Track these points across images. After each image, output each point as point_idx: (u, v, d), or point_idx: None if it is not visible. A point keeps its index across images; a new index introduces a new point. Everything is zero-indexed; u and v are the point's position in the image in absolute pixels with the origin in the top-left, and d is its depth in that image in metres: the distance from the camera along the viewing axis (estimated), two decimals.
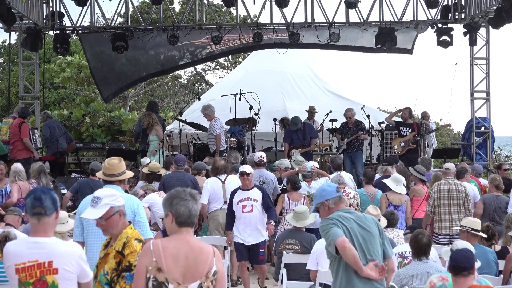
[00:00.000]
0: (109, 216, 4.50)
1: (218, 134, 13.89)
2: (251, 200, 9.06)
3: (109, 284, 4.41)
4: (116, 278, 4.39)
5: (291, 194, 10.11)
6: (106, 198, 4.53)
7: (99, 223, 4.54)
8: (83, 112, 21.81)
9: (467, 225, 7.52)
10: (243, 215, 9.00)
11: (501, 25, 13.83)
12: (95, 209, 4.52)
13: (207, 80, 32.53)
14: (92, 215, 4.52)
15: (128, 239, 4.43)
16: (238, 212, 9.01)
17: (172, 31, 15.55)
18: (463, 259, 5.13)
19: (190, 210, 4.11)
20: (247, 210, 9.02)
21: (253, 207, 9.03)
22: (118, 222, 4.53)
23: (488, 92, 16.28)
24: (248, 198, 9.07)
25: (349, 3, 15.01)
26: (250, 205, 9.04)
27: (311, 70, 19.83)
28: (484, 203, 10.44)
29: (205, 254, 4.09)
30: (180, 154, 11.99)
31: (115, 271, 4.40)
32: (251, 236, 9.03)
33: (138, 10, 19.36)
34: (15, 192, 10.18)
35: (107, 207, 4.50)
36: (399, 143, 14.40)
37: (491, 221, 10.00)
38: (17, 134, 13.73)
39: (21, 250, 4.27)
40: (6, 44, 29.17)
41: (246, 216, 9.02)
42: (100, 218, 4.50)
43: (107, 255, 4.48)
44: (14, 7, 14.01)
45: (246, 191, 9.09)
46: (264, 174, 10.76)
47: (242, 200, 9.05)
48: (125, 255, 4.37)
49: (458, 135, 25.55)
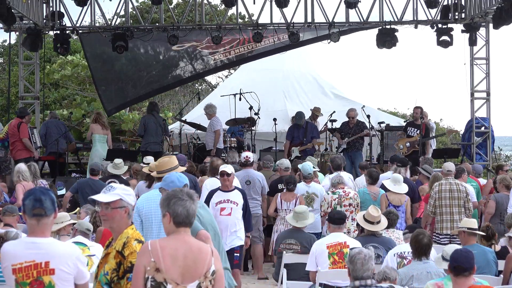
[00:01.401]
0: (115, 206, 4.47)
1: (218, 129, 13.94)
2: (230, 203, 8.53)
3: (109, 284, 4.39)
4: (116, 278, 4.37)
5: (284, 194, 10.11)
6: (119, 189, 4.52)
7: (103, 211, 4.50)
8: (83, 112, 21.81)
9: (463, 225, 7.53)
10: (220, 218, 8.27)
11: (501, 25, 13.82)
12: (106, 194, 4.50)
13: (207, 80, 32.53)
14: (101, 198, 4.48)
15: (128, 239, 4.42)
16: (215, 214, 8.14)
17: (172, 31, 15.55)
18: (464, 260, 5.12)
19: (188, 210, 4.11)
20: (225, 213, 8.49)
21: (232, 210, 8.50)
22: (121, 217, 4.49)
23: (488, 92, 16.26)
24: (228, 200, 8.55)
25: (349, 3, 15.00)
26: (230, 208, 8.51)
27: (311, 70, 19.82)
28: (497, 202, 10.44)
29: (204, 254, 4.08)
30: (180, 154, 11.99)
31: (115, 271, 4.38)
32: (227, 241, 8.31)
33: (138, 10, 19.36)
34: (20, 193, 10.17)
35: (117, 197, 4.47)
36: (405, 143, 14.39)
37: (501, 220, 10.04)
38: (16, 134, 13.73)
39: (18, 250, 4.26)
40: (6, 44, 29.18)
41: (223, 219, 8.40)
42: (107, 204, 4.47)
43: (108, 255, 4.47)
44: (14, 7, 14.00)
45: (226, 192, 8.59)
46: (250, 174, 10.61)
47: (221, 202, 8.53)
48: (125, 255, 4.36)
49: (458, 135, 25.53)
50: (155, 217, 6.34)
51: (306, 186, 10.41)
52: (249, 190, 10.41)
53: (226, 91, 16.67)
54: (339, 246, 7.31)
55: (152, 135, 14.26)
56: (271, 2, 15.60)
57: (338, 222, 7.47)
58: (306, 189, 10.35)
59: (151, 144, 14.20)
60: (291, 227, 8.85)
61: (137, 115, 22.38)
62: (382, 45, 15.51)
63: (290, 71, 19.30)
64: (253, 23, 16.36)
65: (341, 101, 18.05)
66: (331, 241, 7.40)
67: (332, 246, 7.32)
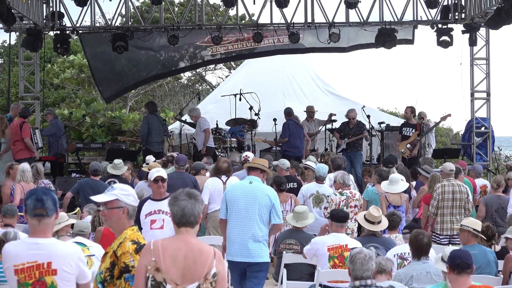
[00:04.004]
0: (112, 206, 4.47)
1: (207, 128, 14.04)
2: (162, 213, 7.34)
3: (102, 283, 4.41)
4: (109, 278, 4.37)
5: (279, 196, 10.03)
6: (118, 190, 4.53)
7: (102, 211, 4.53)
8: (84, 112, 21.81)
9: (469, 225, 7.46)
10: (150, 232, 7.16)
11: (501, 25, 13.82)
12: (103, 195, 4.52)
13: (207, 81, 32.55)
14: (98, 199, 4.52)
15: (124, 240, 4.43)
16: (146, 227, 7.21)
17: (172, 31, 15.55)
18: (466, 257, 5.12)
19: (183, 209, 4.12)
20: (156, 226, 7.33)
21: (165, 223, 7.30)
22: (119, 218, 4.49)
23: (488, 92, 16.27)
24: (159, 211, 7.38)
25: (349, 3, 15.00)
26: (161, 220, 7.34)
27: (311, 70, 19.83)
28: (486, 204, 10.42)
29: (205, 255, 4.09)
30: (181, 154, 12.00)
31: (108, 270, 4.39)
32: None
33: (138, 10, 19.36)
34: (18, 195, 10.18)
35: (113, 197, 4.48)
36: (406, 146, 14.34)
37: (493, 221, 10.00)
38: (18, 134, 13.73)
39: (20, 251, 4.26)
40: (6, 44, 29.16)
41: (155, 233, 7.12)
42: (104, 204, 4.48)
43: (106, 254, 4.49)
44: (14, 7, 14.00)
45: (157, 201, 7.43)
46: None
47: (151, 213, 7.38)
48: (118, 256, 4.36)
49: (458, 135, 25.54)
50: (236, 203, 7.13)
51: (317, 186, 10.22)
52: None
53: (226, 91, 16.67)
54: (340, 249, 7.22)
55: (155, 135, 14.27)
56: (271, 2, 15.61)
57: (341, 220, 7.40)
58: (317, 189, 10.16)
59: (153, 144, 14.20)
60: (291, 227, 8.84)
61: (137, 115, 22.38)
62: (382, 45, 15.53)
63: (290, 71, 19.31)
64: (253, 23, 16.37)
65: (341, 101, 18.06)
66: (332, 243, 7.30)
67: (333, 248, 7.24)
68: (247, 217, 7.09)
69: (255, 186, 7.24)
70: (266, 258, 7.16)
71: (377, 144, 15.72)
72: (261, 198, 7.14)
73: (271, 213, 7.16)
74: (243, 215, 7.10)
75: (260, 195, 7.16)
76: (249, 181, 7.30)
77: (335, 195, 9.68)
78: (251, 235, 7.06)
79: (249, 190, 7.19)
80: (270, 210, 7.15)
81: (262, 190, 7.23)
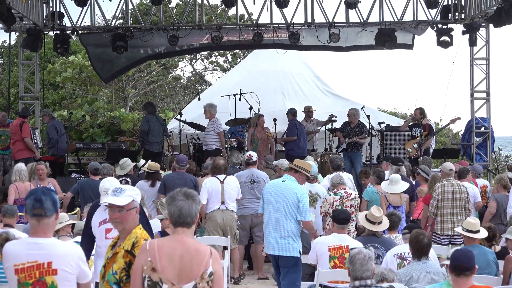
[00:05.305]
0: (129, 208, 4.50)
1: (221, 131, 13.95)
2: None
3: (118, 283, 4.42)
4: (125, 278, 4.39)
5: None
6: (129, 190, 4.54)
7: (115, 214, 4.51)
8: (83, 112, 21.81)
9: (468, 227, 7.54)
10: (105, 241, 6.11)
11: (501, 25, 13.82)
12: (119, 197, 4.50)
13: (207, 81, 32.56)
14: (116, 201, 4.49)
15: (138, 239, 4.45)
16: (100, 236, 6.28)
17: (172, 31, 15.54)
18: (465, 259, 5.12)
19: (180, 209, 4.12)
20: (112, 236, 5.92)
21: None
22: (133, 217, 4.54)
23: (488, 92, 16.26)
24: None
25: (349, 3, 15.00)
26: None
27: (311, 70, 19.80)
28: (497, 201, 10.43)
29: (201, 255, 4.10)
30: (181, 154, 11.99)
31: (124, 270, 4.41)
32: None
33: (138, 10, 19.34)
34: (11, 195, 10.22)
35: (130, 199, 4.51)
36: (412, 145, 14.33)
37: (501, 220, 10.05)
38: (18, 133, 13.73)
39: (20, 251, 4.26)
40: (6, 44, 29.18)
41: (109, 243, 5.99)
42: (121, 207, 4.48)
43: (116, 255, 4.49)
44: (14, 7, 14.01)
45: None
46: (255, 173, 10.57)
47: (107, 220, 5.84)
48: (135, 255, 4.36)
49: (458, 135, 25.55)
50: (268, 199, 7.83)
51: (309, 185, 10.15)
52: (253, 189, 10.39)
53: (226, 91, 16.65)
54: (341, 250, 7.24)
55: (155, 135, 14.24)
56: (271, 2, 15.60)
57: (343, 222, 7.42)
58: (309, 189, 10.09)
59: (153, 144, 14.17)
60: None
61: (136, 115, 22.38)
62: (382, 45, 15.52)
63: (290, 71, 19.28)
64: (253, 23, 16.36)
65: (341, 101, 18.04)
66: (333, 243, 7.32)
67: (334, 249, 7.26)
68: (277, 213, 7.75)
69: (286, 184, 7.84)
70: (294, 252, 7.67)
71: (377, 144, 15.71)
72: (289, 196, 7.71)
73: (297, 210, 7.68)
74: (273, 211, 7.77)
75: (288, 193, 7.73)
76: (283, 179, 7.97)
77: (329, 195, 9.67)
78: (280, 230, 7.69)
79: (280, 188, 7.84)
80: (297, 207, 7.66)
81: (291, 188, 7.77)
